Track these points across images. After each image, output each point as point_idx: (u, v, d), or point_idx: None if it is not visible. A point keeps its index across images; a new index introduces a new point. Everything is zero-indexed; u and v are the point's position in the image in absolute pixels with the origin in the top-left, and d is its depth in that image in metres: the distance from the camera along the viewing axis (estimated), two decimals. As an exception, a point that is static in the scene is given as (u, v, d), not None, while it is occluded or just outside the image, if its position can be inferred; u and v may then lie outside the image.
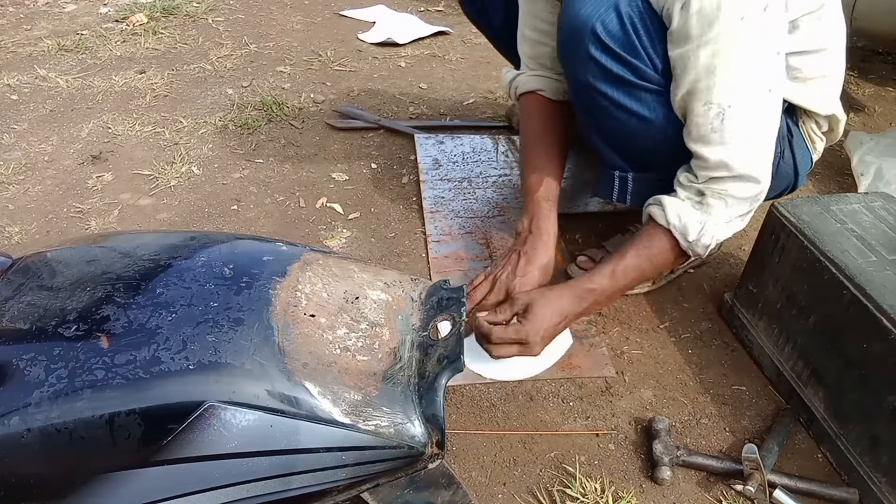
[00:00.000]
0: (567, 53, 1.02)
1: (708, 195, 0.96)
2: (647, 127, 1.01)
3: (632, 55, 0.95)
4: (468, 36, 2.45)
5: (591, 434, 1.00)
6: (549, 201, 1.15)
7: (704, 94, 0.90)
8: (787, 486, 0.90)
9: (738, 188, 0.95)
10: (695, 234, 0.97)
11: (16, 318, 0.63)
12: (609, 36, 0.93)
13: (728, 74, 0.88)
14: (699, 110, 0.91)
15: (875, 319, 0.87)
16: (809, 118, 1.09)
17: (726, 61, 0.87)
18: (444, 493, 0.76)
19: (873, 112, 2.04)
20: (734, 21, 0.84)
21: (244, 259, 0.73)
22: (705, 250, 0.99)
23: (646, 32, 0.93)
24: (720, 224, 0.97)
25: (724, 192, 0.95)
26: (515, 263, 1.10)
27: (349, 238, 1.40)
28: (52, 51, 2.18)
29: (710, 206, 0.96)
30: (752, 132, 0.92)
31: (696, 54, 0.87)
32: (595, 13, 0.93)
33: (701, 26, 0.85)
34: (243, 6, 2.66)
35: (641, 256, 1.01)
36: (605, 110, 1.01)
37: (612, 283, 1.01)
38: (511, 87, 1.29)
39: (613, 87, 0.98)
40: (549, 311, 0.98)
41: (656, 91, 0.97)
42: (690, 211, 0.97)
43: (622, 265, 1.01)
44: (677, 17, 0.86)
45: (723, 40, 0.85)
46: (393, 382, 0.68)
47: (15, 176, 1.55)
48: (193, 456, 0.57)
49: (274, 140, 1.74)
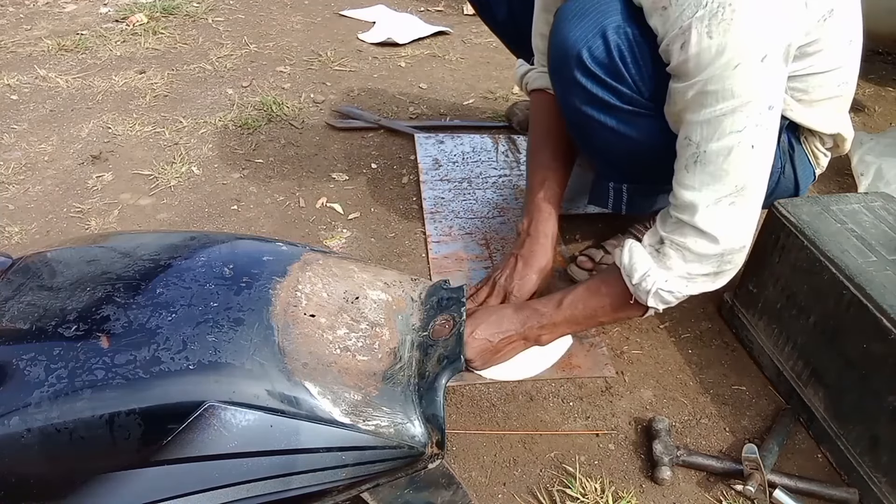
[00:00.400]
0: (555, 76, 1.02)
1: (666, 244, 0.92)
2: (635, 146, 1.01)
3: (617, 81, 0.94)
4: (468, 36, 2.45)
5: (591, 434, 1.00)
6: (551, 203, 1.14)
7: (687, 127, 0.87)
8: (787, 486, 0.90)
9: (695, 243, 0.90)
10: (638, 277, 0.93)
11: (16, 318, 0.63)
12: (594, 62, 0.93)
13: (710, 119, 0.84)
14: (681, 140, 0.89)
15: (875, 319, 0.87)
16: (813, 135, 1.05)
17: (712, 105, 0.83)
18: (444, 493, 0.76)
19: (873, 112, 2.04)
20: (728, 69, 0.81)
21: (244, 259, 0.73)
22: (647, 296, 0.93)
23: (632, 58, 0.92)
24: (674, 278, 0.92)
25: (682, 244, 0.90)
26: (513, 267, 1.11)
27: (349, 238, 1.40)
28: (52, 51, 2.18)
29: (667, 255, 0.92)
30: (721, 185, 0.86)
31: (686, 92, 0.85)
32: (582, 39, 0.92)
33: (696, 68, 0.83)
34: (243, 6, 2.66)
35: (591, 291, 1.00)
36: (594, 131, 1.01)
37: (557, 312, 1.00)
38: (522, 82, 1.29)
39: (600, 112, 0.98)
40: (487, 319, 0.99)
41: (643, 114, 0.97)
42: (643, 255, 0.94)
43: (571, 296, 1.00)
44: (676, 55, 0.84)
45: (712, 84, 0.82)
46: (393, 382, 0.69)
47: (15, 176, 1.55)
48: (193, 456, 0.57)
49: (274, 140, 1.74)
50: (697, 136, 0.86)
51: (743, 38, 0.80)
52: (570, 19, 0.94)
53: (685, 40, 0.82)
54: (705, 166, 0.86)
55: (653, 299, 0.94)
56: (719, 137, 0.84)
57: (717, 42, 0.80)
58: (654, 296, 0.93)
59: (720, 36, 0.80)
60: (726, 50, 0.80)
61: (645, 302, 0.94)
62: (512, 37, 1.49)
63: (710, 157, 0.86)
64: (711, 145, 0.85)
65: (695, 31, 0.81)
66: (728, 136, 0.84)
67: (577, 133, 1.09)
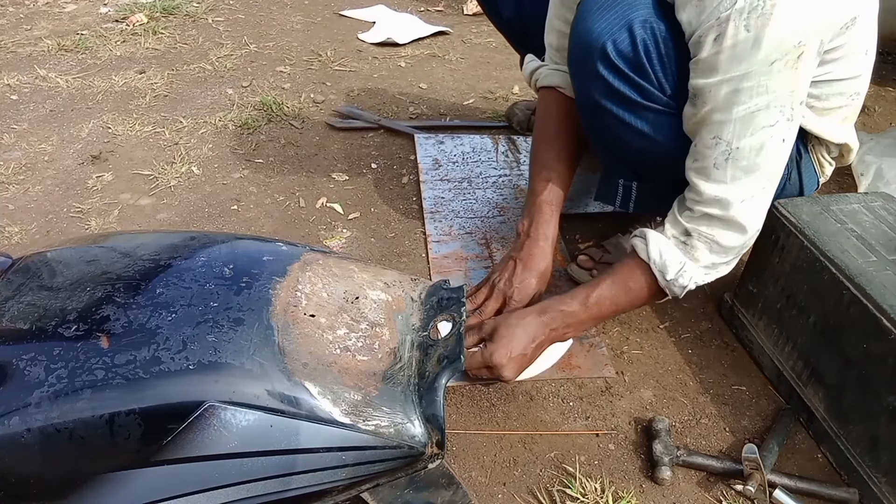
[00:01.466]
0: (576, 68, 1.01)
1: (694, 237, 0.94)
2: (651, 145, 1.00)
3: (640, 76, 0.93)
4: (468, 36, 2.45)
5: (591, 434, 1.00)
6: (552, 205, 1.12)
7: (716, 127, 0.87)
8: (787, 486, 0.90)
9: (725, 235, 0.92)
10: (673, 273, 0.95)
11: (16, 318, 0.63)
12: (619, 56, 0.92)
13: (744, 115, 0.85)
14: (707, 141, 0.89)
15: (875, 319, 0.87)
16: (821, 144, 1.05)
17: (746, 102, 0.84)
18: (444, 493, 0.76)
19: (873, 112, 2.04)
20: (764, 64, 0.81)
21: (244, 259, 0.73)
22: (682, 291, 0.97)
23: (657, 55, 0.92)
24: (700, 269, 0.95)
25: (710, 236, 0.93)
26: (512, 270, 1.09)
27: (349, 238, 1.40)
28: (52, 51, 2.18)
29: (695, 248, 0.94)
30: (754, 179, 0.89)
31: (718, 88, 0.84)
32: (607, 31, 0.91)
33: (730, 62, 0.82)
34: (243, 6, 2.66)
35: (617, 287, 1.00)
36: (610, 126, 1.00)
37: (584, 310, 1.00)
38: (532, 78, 1.25)
39: (619, 106, 0.97)
40: (516, 333, 0.98)
41: (663, 112, 0.96)
42: (672, 250, 0.95)
43: (596, 293, 1.00)
44: (708, 47, 0.83)
45: (748, 81, 0.82)
46: (393, 382, 0.68)
47: (15, 176, 1.55)
48: (193, 456, 0.57)
49: (274, 140, 1.74)
50: (729, 134, 0.86)
51: (781, 34, 0.79)
52: (596, 10, 0.93)
53: (721, 32, 0.81)
54: (737, 161, 0.87)
55: (684, 291, 0.97)
56: (752, 133, 0.85)
57: (755, 36, 0.79)
58: (687, 287, 0.96)
59: (758, 30, 0.79)
60: (763, 45, 0.79)
61: (677, 294, 0.97)
62: (518, 35, 1.48)
63: (743, 153, 0.86)
64: (744, 141, 0.86)
65: (732, 23, 0.80)
66: (761, 132, 0.85)
67: (592, 127, 1.07)
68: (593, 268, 1.26)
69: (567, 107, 1.15)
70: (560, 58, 1.17)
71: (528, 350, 0.97)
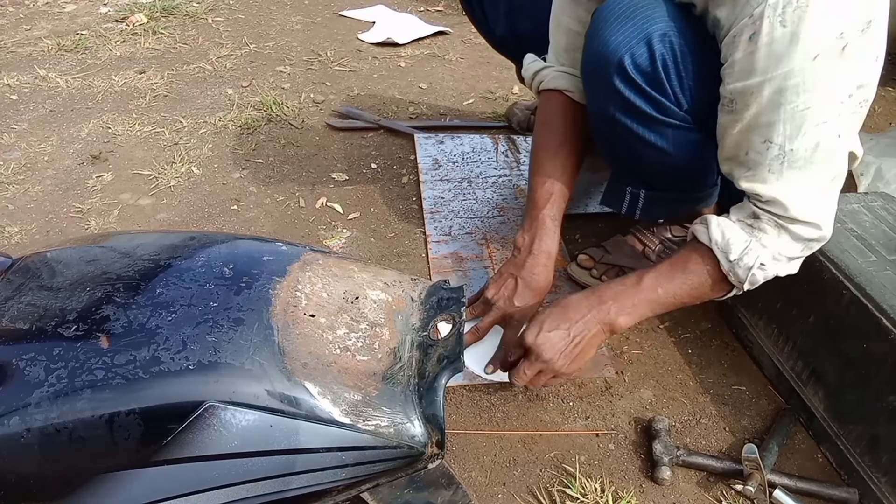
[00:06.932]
0: (590, 79, 0.99)
1: (763, 219, 0.86)
2: (665, 158, 0.98)
3: (657, 91, 0.91)
4: (468, 36, 2.45)
5: (591, 434, 1.00)
6: (555, 220, 1.06)
7: (765, 129, 0.81)
8: (787, 486, 0.90)
9: (796, 227, 0.86)
10: (737, 252, 0.86)
11: (16, 318, 0.63)
12: (636, 70, 0.89)
13: (793, 114, 0.79)
14: (758, 146, 0.83)
15: (875, 319, 0.87)
16: None
17: (794, 101, 0.78)
18: (444, 493, 0.76)
19: (873, 112, 2.04)
20: (807, 60, 0.76)
21: (244, 259, 0.73)
22: (747, 274, 0.87)
23: (675, 70, 0.89)
24: (768, 253, 0.87)
25: (779, 223, 0.86)
26: (513, 289, 1.02)
27: (349, 238, 1.40)
28: (52, 51, 2.18)
29: (763, 230, 0.86)
30: (813, 178, 0.83)
31: (761, 89, 0.79)
32: (625, 44, 0.89)
33: (769, 61, 0.77)
34: (243, 6, 2.66)
35: (675, 268, 0.91)
36: (623, 139, 0.98)
37: (638, 291, 0.91)
38: (534, 80, 1.16)
39: (634, 120, 0.94)
40: (550, 317, 0.92)
41: (679, 127, 0.94)
42: (737, 230, 0.88)
43: (650, 275, 0.92)
44: (743, 47, 0.79)
45: (792, 78, 0.77)
46: (393, 382, 0.68)
47: (15, 176, 1.55)
48: (193, 456, 0.57)
49: (274, 140, 1.74)
50: (780, 137, 0.81)
51: (820, 26, 0.75)
52: (613, 21, 0.90)
53: (755, 30, 0.77)
54: (793, 163, 0.82)
55: (749, 276, 0.88)
56: (805, 132, 0.80)
57: (792, 31, 0.75)
58: (753, 272, 0.87)
59: (794, 24, 0.75)
60: (801, 39, 0.75)
61: (742, 279, 0.88)
62: (512, 50, 1.45)
63: (798, 154, 0.82)
64: (797, 142, 0.81)
65: (767, 19, 0.76)
66: (814, 130, 0.80)
67: (604, 138, 1.05)
68: (593, 267, 1.26)
69: (574, 113, 1.10)
70: (567, 59, 1.11)
71: (570, 329, 0.91)
